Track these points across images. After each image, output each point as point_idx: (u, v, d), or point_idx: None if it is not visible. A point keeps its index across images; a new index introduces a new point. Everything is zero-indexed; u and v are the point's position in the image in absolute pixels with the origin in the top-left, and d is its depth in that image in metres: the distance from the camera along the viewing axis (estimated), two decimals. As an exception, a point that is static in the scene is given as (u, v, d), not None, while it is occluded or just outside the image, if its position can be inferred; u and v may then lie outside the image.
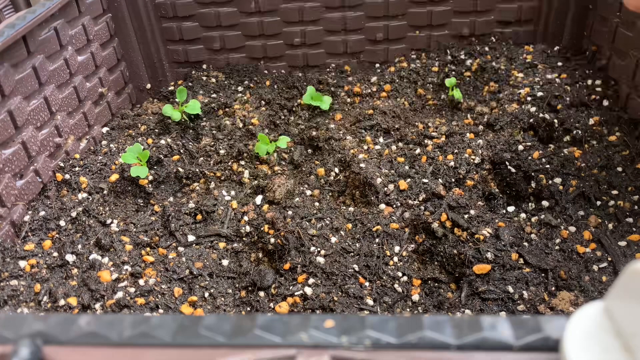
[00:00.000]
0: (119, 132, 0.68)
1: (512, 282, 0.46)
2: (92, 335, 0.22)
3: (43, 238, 0.53)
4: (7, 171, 0.52)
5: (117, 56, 0.73)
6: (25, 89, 0.55)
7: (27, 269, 0.49)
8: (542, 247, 0.49)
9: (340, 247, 0.49)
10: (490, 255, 0.48)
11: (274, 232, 0.49)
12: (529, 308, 0.44)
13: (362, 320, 0.21)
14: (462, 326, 0.21)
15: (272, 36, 0.76)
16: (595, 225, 0.51)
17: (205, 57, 0.78)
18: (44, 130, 0.58)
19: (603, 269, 0.47)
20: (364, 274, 0.47)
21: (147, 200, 0.57)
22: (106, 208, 0.56)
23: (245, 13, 0.74)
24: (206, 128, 0.66)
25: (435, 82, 0.71)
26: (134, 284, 0.48)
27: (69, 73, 0.62)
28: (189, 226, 0.54)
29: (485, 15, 0.73)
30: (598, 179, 0.55)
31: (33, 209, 0.55)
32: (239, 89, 0.75)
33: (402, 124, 0.64)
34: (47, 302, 0.47)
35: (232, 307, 0.46)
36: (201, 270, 0.49)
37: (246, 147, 0.62)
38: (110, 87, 0.71)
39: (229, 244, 0.52)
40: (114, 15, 0.72)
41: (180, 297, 0.47)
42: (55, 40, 0.59)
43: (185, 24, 0.75)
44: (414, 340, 0.21)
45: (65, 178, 0.59)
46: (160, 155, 0.60)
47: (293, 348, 0.21)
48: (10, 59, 0.52)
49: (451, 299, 0.46)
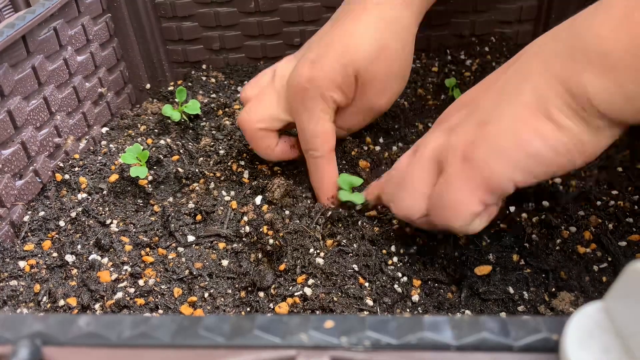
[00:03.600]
0: (118, 132, 0.68)
1: (513, 282, 0.46)
2: (92, 336, 0.22)
3: (42, 238, 0.53)
4: (7, 171, 0.52)
5: (117, 56, 0.73)
6: (25, 89, 0.55)
7: (27, 269, 0.49)
8: (543, 248, 0.49)
9: (340, 247, 0.49)
10: (492, 256, 0.48)
11: (273, 233, 0.49)
12: (529, 309, 0.44)
13: (362, 320, 0.21)
14: (462, 327, 0.21)
15: (272, 36, 0.76)
16: (595, 225, 0.51)
17: (204, 57, 0.78)
18: (43, 131, 0.58)
19: (603, 269, 0.47)
20: (364, 274, 0.47)
21: (147, 200, 0.57)
22: (106, 208, 0.56)
23: (244, 13, 0.74)
24: (206, 128, 0.66)
25: (435, 82, 0.71)
26: (134, 284, 0.48)
27: (68, 73, 0.62)
28: (188, 226, 0.54)
29: (485, 15, 0.72)
30: (598, 179, 0.55)
31: (32, 209, 0.55)
32: (238, 89, 0.75)
33: (402, 124, 0.64)
34: (46, 303, 0.47)
35: (232, 307, 0.46)
36: (201, 270, 0.49)
37: (246, 147, 0.62)
38: (110, 87, 0.71)
39: (229, 244, 0.52)
40: (113, 16, 0.72)
41: (179, 298, 0.47)
42: (54, 40, 0.59)
43: (184, 23, 0.75)
44: (414, 340, 0.21)
45: (65, 178, 0.59)
46: (160, 155, 0.60)
47: (293, 349, 0.21)
48: (10, 59, 0.52)
49: (451, 299, 0.46)
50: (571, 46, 0.35)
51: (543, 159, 0.36)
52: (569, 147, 0.36)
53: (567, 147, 0.36)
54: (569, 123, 0.35)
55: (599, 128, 0.35)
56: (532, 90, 0.37)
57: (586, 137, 0.35)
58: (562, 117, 0.35)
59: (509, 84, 0.39)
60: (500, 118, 0.38)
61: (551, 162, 0.36)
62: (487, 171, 0.38)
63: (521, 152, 0.36)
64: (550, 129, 0.36)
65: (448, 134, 0.42)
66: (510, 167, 0.37)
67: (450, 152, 0.40)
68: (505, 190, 0.38)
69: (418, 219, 0.45)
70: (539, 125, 0.36)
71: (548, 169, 0.37)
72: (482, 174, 0.38)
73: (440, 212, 0.41)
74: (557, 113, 0.35)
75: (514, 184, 0.38)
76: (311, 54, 0.51)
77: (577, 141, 0.35)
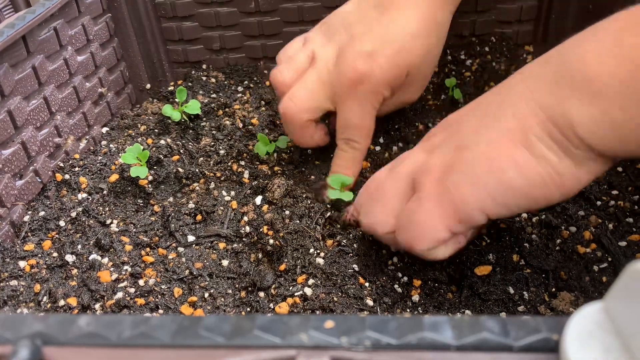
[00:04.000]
0: (118, 132, 0.68)
1: (513, 282, 0.46)
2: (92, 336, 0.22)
3: (43, 238, 0.53)
4: (7, 171, 0.52)
5: (117, 56, 0.73)
6: (25, 89, 0.55)
7: (27, 269, 0.49)
8: (543, 248, 0.49)
9: (340, 247, 0.49)
10: (492, 256, 0.48)
11: (273, 234, 0.49)
12: (529, 309, 0.44)
13: (362, 320, 0.21)
14: (462, 327, 0.21)
15: (272, 36, 0.76)
16: (595, 225, 0.51)
17: (205, 57, 0.78)
18: (43, 131, 0.58)
19: (603, 270, 0.47)
20: (364, 274, 0.47)
21: (147, 200, 0.57)
22: (106, 208, 0.56)
23: (244, 13, 0.74)
24: (206, 128, 0.66)
25: (435, 82, 0.71)
26: (134, 284, 0.48)
27: (68, 73, 0.62)
28: (188, 226, 0.54)
29: (485, 15, 0.72)
30: (598, 179, 0.55)
31: (33, 209, 0.55)
32: (239, 89, 0.75)
33: (402, 124, 0.64)
34: (46, 303, 0.47)
35: (232, 307, 0.46)
36: (201, 270, 0.49)
37: (246, 147, 0.62)
38: (110, 87, 0.71)
39: (229, 244, 0.52)
40: (113, 16, 0.72)
41: (180, 298, 0.47)
42: (55, 40, 0.59)
43: (184, 23, 0.75)
44: (414, 340, 0.21)
45: (65, 178, 0.59)
46: (160, 155, 0.60)
47: (293, 349, 0.21)
48: (10, 59, 0.52)
49: (451, 299, 0.46)
50: (557, 72, 0.33)
51: (517, 190, 0.34)
52: (545, 179, 0.34)
53: (543, 179, 0.34)
54: (547, 153, 0.33)
55: (581, 161, 0.33)
56: (513, 116, 0.35)
57: (565, 170, 0.33)
58: (540, 146, 0.33)
59: (491, 108, 0.38)
60: (477, 143, 0.36)
61: (525, 193, 0.34)
62: (458, 197, 0.36)
63: (494, 180, 0.35)
64: (527, 158, 0.34)
65: (428, 154, 0.41)
66: (482, 196, 0.35)
67: (427, 172, 0.39)
68: (475, 220, 0.37)
69: (384, 235, 0.43)
70: (515, 153, 0.34)
71: (522, 202, 0.35)
72: (454, 199, 0.36)
73: (405, 232, 0.40)
74: (536, 141, 0.33)
75: (485, 214, 0.36)
76: (365, 45, 0.50)
77: (554, 173, 0.33)
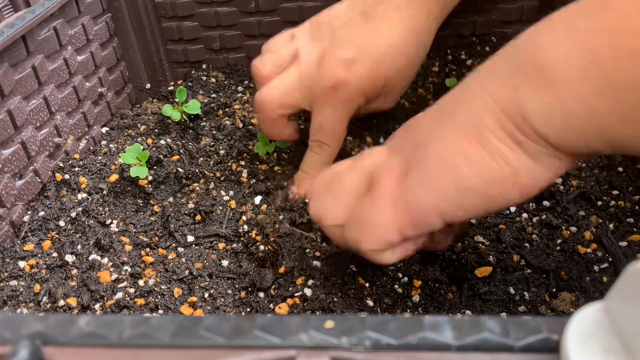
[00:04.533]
0: (118, 132, 0.68)
1: (514, 283, 0.46)
2: (92, 336, 0.22)
3: (42, 238, 0.53)
4: (7, 171, 0.52)
5: (117, 56, 0.73)
6: (25, 88, 0.55)
7: (27, 269, 0.49)
8: (544, 248, 0.49)
9: (338, 248, 0.49)
10: (492, 257, 0.48)
11: (261, 239, 0.49)
12: (529, 309, 0.44)
13: (362, 321, 0.21)
14: (463, 327, 0.21)
15: (272, 36, 0.76)
16: (596, 225, 0.50)
17: (205, 57, 0.78)
18: (43, 130, 0.58)
19: (604, 270, 0.47)
20: (364, 275, 0.47)
21: (147, 200, 0.57)
22: (106, 208, 0.56)
23: (245, 13, 0.74)
24: (206, 128, 0.66)
25: (436, 82, 0.71)
26: (134, 284, 0.48)
27: (68, 73, 0.62)
28: (188, 227, 0.54)
29: (486, 15, 0.72)
30: (599, 179, 0.55)
31: (32, 209, 0.55)
32: (239, 89, 0.75)
33: (402, 124, 0.64)
34: (46, 303, 0.47)
35: (232, 307, 0.46)
36: (201, 270, 0.49)
37: (246, 147, 0.62)
38: (110, 87, 0.71)
39: (229, 244, 0.52)
40: (113, 15, 0.72)
41: (180, 298, 0.47)
42: (54, 40, 0.59)
43: (184, 23, 0.75)
44: (414, 341, 0.21)
45: (65, 178, 0.59)
46: (160, 155, 0.60)
47: (293, 349, 0.21)
48: (10, 58, 0.52)
49: (452, 299, 0.46)
50: (510, 62, 0.32)
51: (471, 189, 0.33)
52: (500, 176, 0.32)
53: (498, 176, 0.32)
54: (502, 147, 0.31)
55: (538, 156, 0.31)
56: (465, 110, 0.33)
57: (522, 166, 0.31)
58: (494, 141, 0.31)
59: (448, 105, 0.37)
60: (432, 141, 0.35)
61: (481, 192, 0.33)
62: (413, 198, 0.35)
63: (448, 179, 0.33)
64: (480, 154, 0.32)
65: (389, 152, 0.40)
66: (437, 196, 0.34)
67: (386, 171, 0.38)
68: (430, 223, 0.35)
69: (330, 227, 0.41)
70: (468, 149, 0.32)
71: (478, 202, 0.33)
72: (409, 200, 0.35)
73: (354, 229, 0.38)
74: (490, 136, 0.31)
75: (441, 217, 0.34)
76: (345, 52, 0.49)
77: (510, 170, 0.31)
